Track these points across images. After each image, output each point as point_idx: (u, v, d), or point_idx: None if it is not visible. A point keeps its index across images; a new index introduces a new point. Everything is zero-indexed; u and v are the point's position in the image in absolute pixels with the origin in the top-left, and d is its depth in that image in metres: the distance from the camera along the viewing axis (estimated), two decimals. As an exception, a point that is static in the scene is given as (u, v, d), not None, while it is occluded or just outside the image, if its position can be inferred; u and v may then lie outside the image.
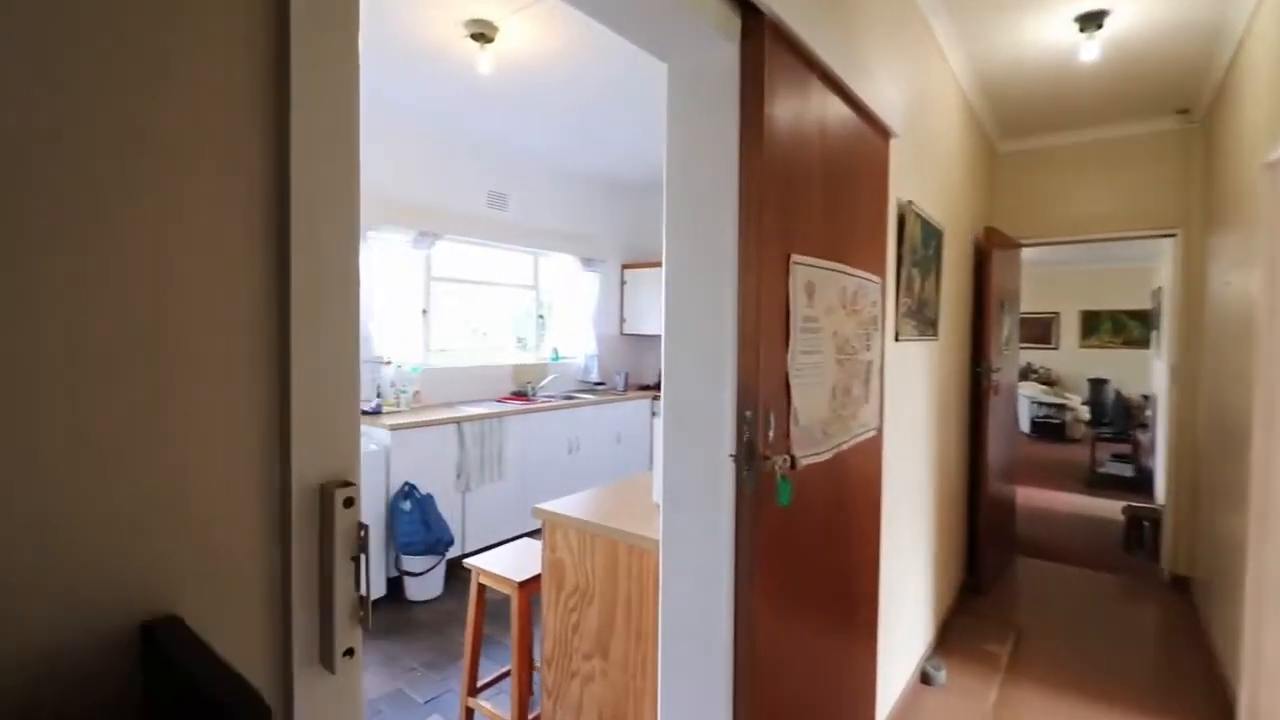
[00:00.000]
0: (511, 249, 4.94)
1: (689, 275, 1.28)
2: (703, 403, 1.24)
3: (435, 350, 4.47)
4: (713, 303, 1.23)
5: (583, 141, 4.37)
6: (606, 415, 4.88)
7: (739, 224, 1.20)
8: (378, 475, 3.32)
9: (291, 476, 0.53)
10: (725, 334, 1.21)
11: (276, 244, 0.56)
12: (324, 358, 0.58)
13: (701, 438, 1.24)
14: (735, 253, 1.20)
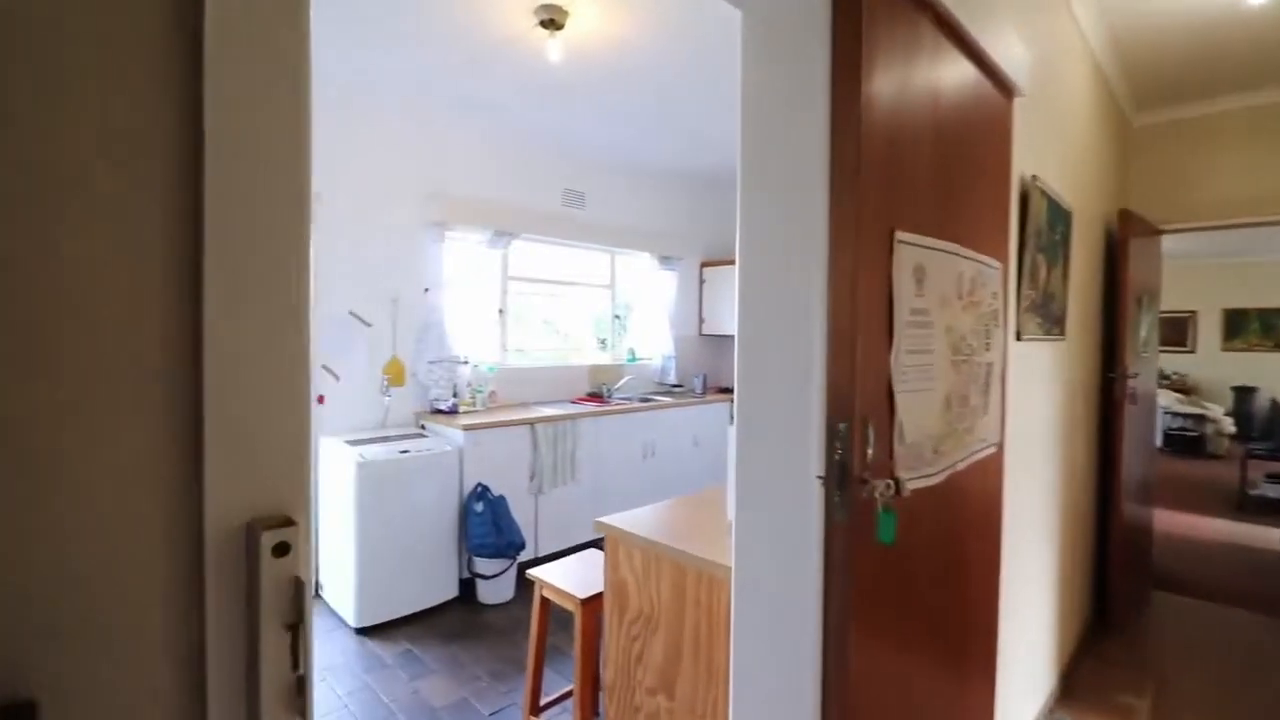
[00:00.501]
0: (588, 248, 4.85)
1: (767, 260, 1.08)
2: (783, 412, 1.04)
3: (511, 350, 4.45)
4: (797, 292, 1.02)
5: (658, 133, 4.21)
6: (683, 418, 4.70)
7: (829, 194, 0.98)
8: (451, 475, 3.29)
9: (204, 513, 0.39)
10: (812, 330, 0.99)
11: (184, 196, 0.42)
12: (253, 352, 0.43)
13: (781, 454, 1.04)
14: (825, 230, 0.99)
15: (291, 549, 0.41)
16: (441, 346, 3.77)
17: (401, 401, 3.69)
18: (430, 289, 3.77)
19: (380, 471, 2.98)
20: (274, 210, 0.46)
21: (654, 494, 4.46)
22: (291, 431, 0.45)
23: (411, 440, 3.30)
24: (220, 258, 0.43)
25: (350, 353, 3.47)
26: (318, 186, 3.27)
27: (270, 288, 0.46)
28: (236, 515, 0.41)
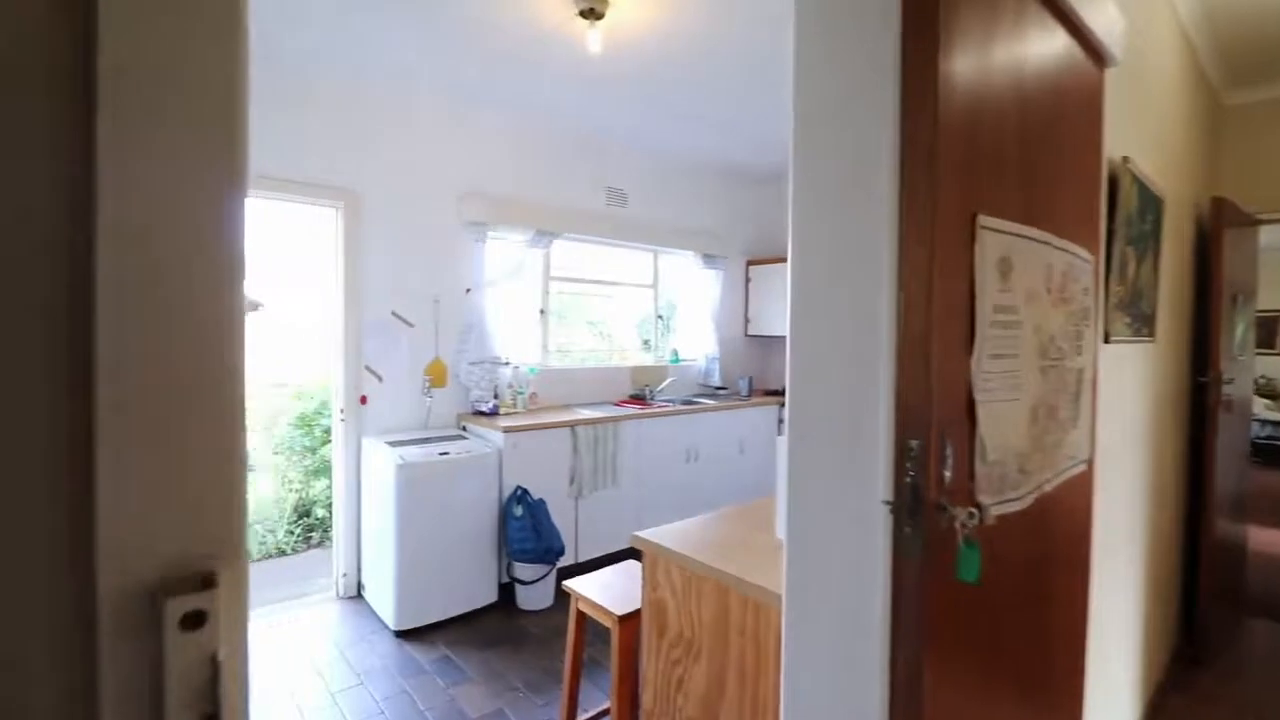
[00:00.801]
0: (630, 247, 4.76)
1: (825, 255, 0.95)
2: (843, 427, 0.91)
3: (553, 351, 4.39)
4: (860, 289, 0.89)
5: (702, 127, 4.08)
6: (728, 422, 4.55)
7: (900, 175, 0.85)
8: (491, 477, 3.24)
9: (96, 573, 0.29)
10: (879, 332, 0.86)
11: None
12: (166, 357, 0.34)
13: (840, 474, 0.91)
14: (894, 218, 0.85)
15: (209, 618, 0.32)
16: (483, 347, 3.74)
17: (443, 402, 3.67)
18: (472, 289, 3.75)
19: (420, 473, 2.95)
20: (190, 179, 0.36)
21: (696, 501, 4.33)
22: (219, 457, 0.35)
23: (452, 442, 3.27)
24: (116, 230, 0.33)
25: (393, 354, 3.47)
26: (356, 185, 3.28)
27: (184, 276, 0.36)
28: (142, 576, 0.31)
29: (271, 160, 3.04)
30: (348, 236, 3.30)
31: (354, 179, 3.30)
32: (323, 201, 3.24)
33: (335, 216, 3.31)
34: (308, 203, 3.22)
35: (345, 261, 3.30)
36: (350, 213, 3.30)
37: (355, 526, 3.36)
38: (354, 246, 3.32)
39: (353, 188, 3.30)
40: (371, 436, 3.33)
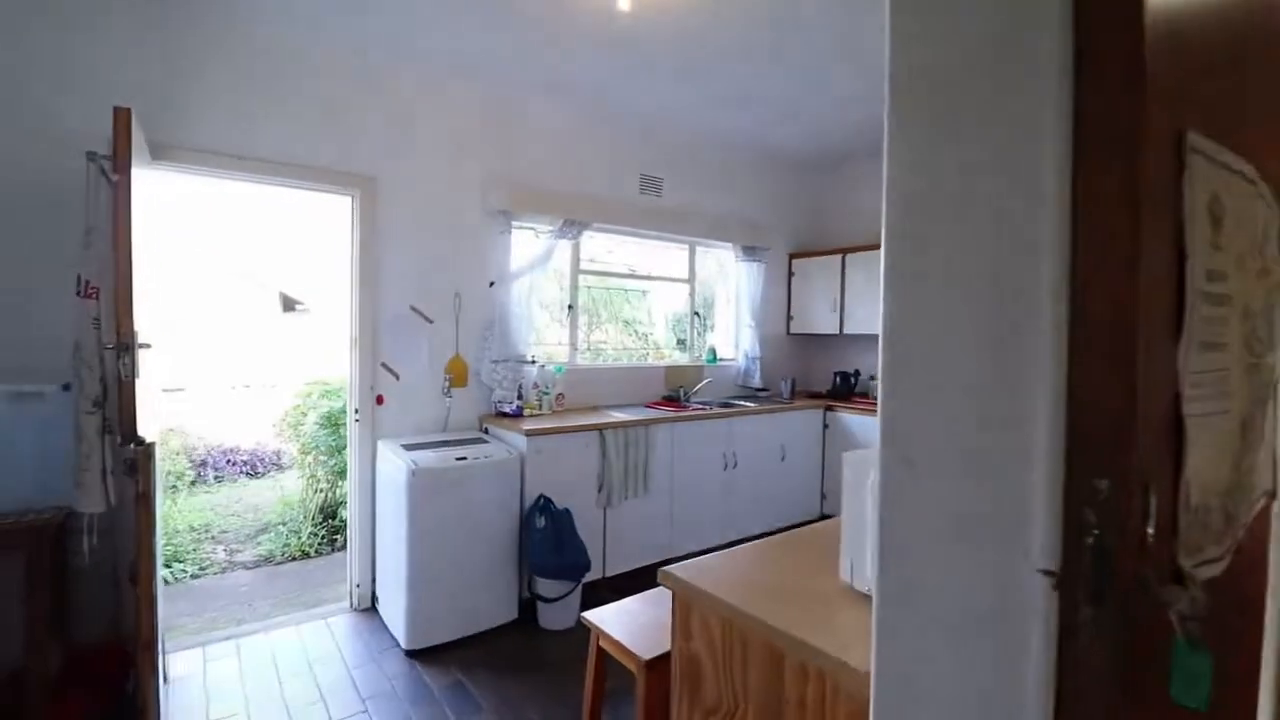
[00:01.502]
0: (665, 238, 4.47)
1: (944, 198, 0.65)
2: (970, 452, 0.60)
3: (582, 349, 4.14)
4: (1000, 246, 0.59)
5: (747, 110, 3.76)
6: (769, 426, 4.22)
7: (1073, 57, 0.54)
8: (512, 486, 3.00)
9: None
10: (1036, 310, 0.56)
11: None
12: None
13: (965, 524, 0.61)
14: (1063, 126, 0.54)
15: None
16: (506, 345, 3.50)
17: (464, 403, 3.45)
18: (495, 283, 3.52)
19: (433, 481, 2.72)
20: None
21: (734, 512, 4.02)
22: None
23: (470, 446, 3.03)
24: None
25: (411, 350, 3.26)
26: (372, 171, 3.08)
27: None
28: None
29: (280, 145, 2.86)
30: (363, 226, 3.10)
31: (370, 165, 3.10)
32: (337, 188, 3.05)
33: (351, 204, 3.12)
34: (321, 189, 3.04)
35: (361, 253, 3.11)
36: (366, 201, 3.10)
37: (370, 536, 3.16)
38: (370, 237, 3.12)
39: (369, 174, 3.10)
40: (388, 439, 3.12)
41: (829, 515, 4.58)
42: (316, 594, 3.76)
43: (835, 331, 4.78)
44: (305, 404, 5.52)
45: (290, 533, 4.84)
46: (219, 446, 6.96)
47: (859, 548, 1.14)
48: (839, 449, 4.50)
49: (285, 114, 2.87)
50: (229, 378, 8.95)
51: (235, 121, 2.75)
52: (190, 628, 3.45)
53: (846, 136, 4.32)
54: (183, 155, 2.65)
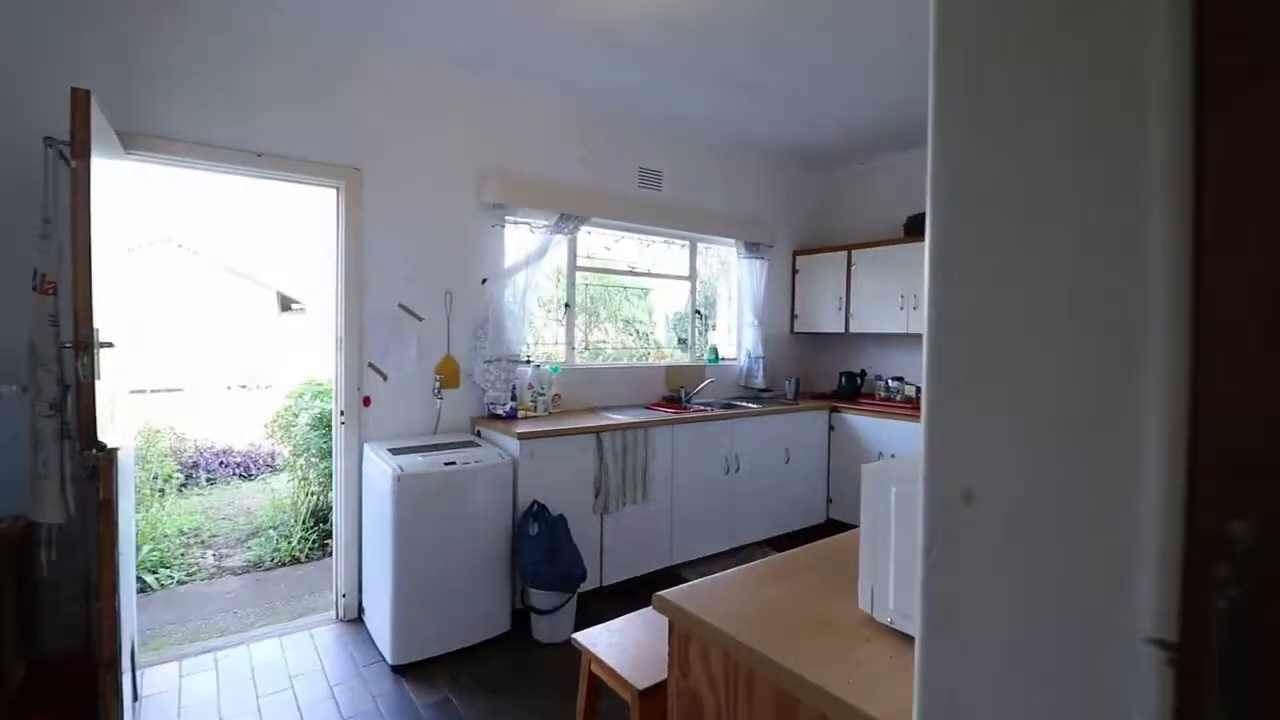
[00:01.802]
0: (665, 234, 4.33)
1: (1015, 159, 0.51)
2: (1059, 483, 0.46)
3: (579, 349, 4.00)
4: (1094, 218, 0.45)
5: (755, 102, 3.62)
6: (773, 428, 4.08)
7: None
8: (504, 491, 2.86)
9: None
10: (1149, 290, 0.42)
11: None
12: None
13: (1045, 572, 0.47)
14: (1183, 62, 0.41)
15: None
16: (500, 344, 3.37)
17: (455, 404, 3.32)
18: (488, 280, 3.38)
19: (420, 487, 2.58)
20: None
21: (737, 517, 3.88)
22: None
23: (461, 450, 2.89)
24: None
25: (400, 350, 3.13)
26: (358, 161, 2.94)
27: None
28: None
29: (261, 135, 2.73)
30: (349, 219, 2.97)
31: (356, 155, 2.97)
32: (321, 180, 2.92)
33: (336, 197, 2.99)
34: (304, 181, 2.90)
35: (346, 248, 2.97)
36: (351, 193, 2.96)
37: (356, 544, 3.03)
38: (356, 231, 2.99)
39: (354, 165, 2.97)
40: (375, 442, 2.99)
41: (834, 520, 4.44)
42: (304, 602, 3.63)
43: (841, 330, 4.64)
44: (297, 404, 5.39)
45: (281, 537, 4.71)
46: (212, 447, 6.85)
47: (880, 574, 1.00)
48: (845, 451, 4.36)
49: (266, 103, 2.73)
50: (225, 378, 8.83)
51: (212, 111, 2.62)
52: (174, 637, 3.33)
53: (853, 131, 4.18)
54: (156, 145, 2.52)
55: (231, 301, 9.68)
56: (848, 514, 4.36)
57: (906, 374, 4.52)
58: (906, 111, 3.81)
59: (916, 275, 4.17)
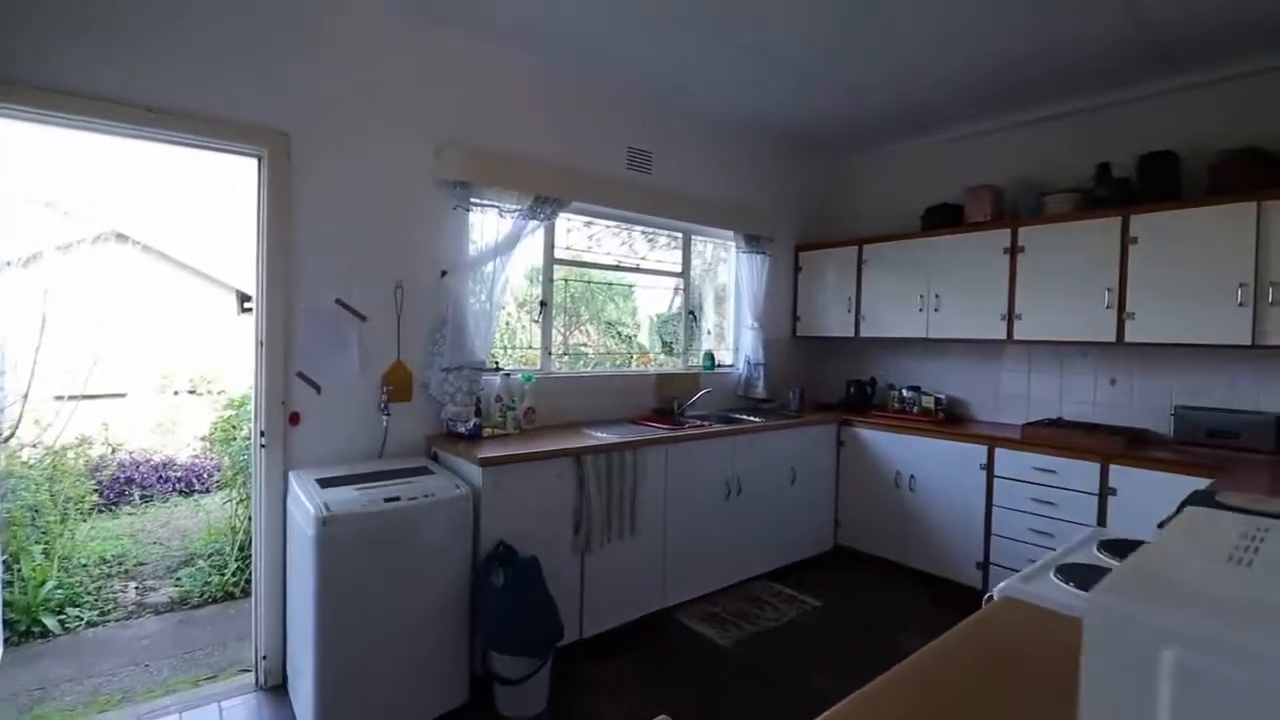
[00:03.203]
0: (656, 224, 3.83)
1: None
2: None
3: (556, 354, 3.47)
4: None
5: (760, 73, 3.13)
6: (778, 445, 3.59)
7: None
8: (461, 530, 2.32)
9: None
10: None
11: None
12: None
13: None
14: None
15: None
16: (462, 349, 2.83)
17: (406, 421, 2.77)
18: (449, 273, 2.84)
19: (353, 531, 2.04)
20: None
21: (739, 548, 3.38)
22: None
23: (409, 480, 2.35)
24: None
25: (338, 356, 2.58)
26: (287, 124, 2.39)
27: None
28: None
29: (161, 88, 2.16)
30: (273, 196, 2.41)
31: (284, 117, 2.42)
32: (238, 146, 2.36)
33: (257, 168, 2.43)
34: (216, 147, 2.34)
35: (269, 231, 2.42)
36: (277, 163, 2.41)
37: (280, 596, 2.46)
38: (282, 210, 2.43)
39: (280, 128, 2.41)
40: (304, 469, 2.44)
41: (843, 547, 3.97)
42: (231, 651, 3.06)
43: (850, 334, 4.17)
44: (240, 414, 4.78)
45: (214, 569, 4.11)
46: (149, 460, 6.18)
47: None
48: (856, 469, 3.88)
49: (163, 46, 2.17)
50: (169, 382, 8.12)
51: (86, 53, 2.05)
52: (64, 701, 2.75)
53: (864, 115, 3.72)
54: (20, 95, 1.95)
55: (176, 299, 8.96)
56: (859, 540, 3.89)
57: (923, 382, 4.06)
58: (922, 90, 3.34)
59: (938, 273, 3.71)
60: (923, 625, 3.05)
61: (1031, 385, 3.66)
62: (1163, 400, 3.17)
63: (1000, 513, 3.25)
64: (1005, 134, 3.74)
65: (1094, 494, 2.93)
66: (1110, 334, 3.06)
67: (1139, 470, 2.80)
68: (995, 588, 1.33)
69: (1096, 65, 3.02)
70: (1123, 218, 3.01)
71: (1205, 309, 2.77)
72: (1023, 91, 3.36)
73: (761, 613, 3.19)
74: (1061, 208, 3.28)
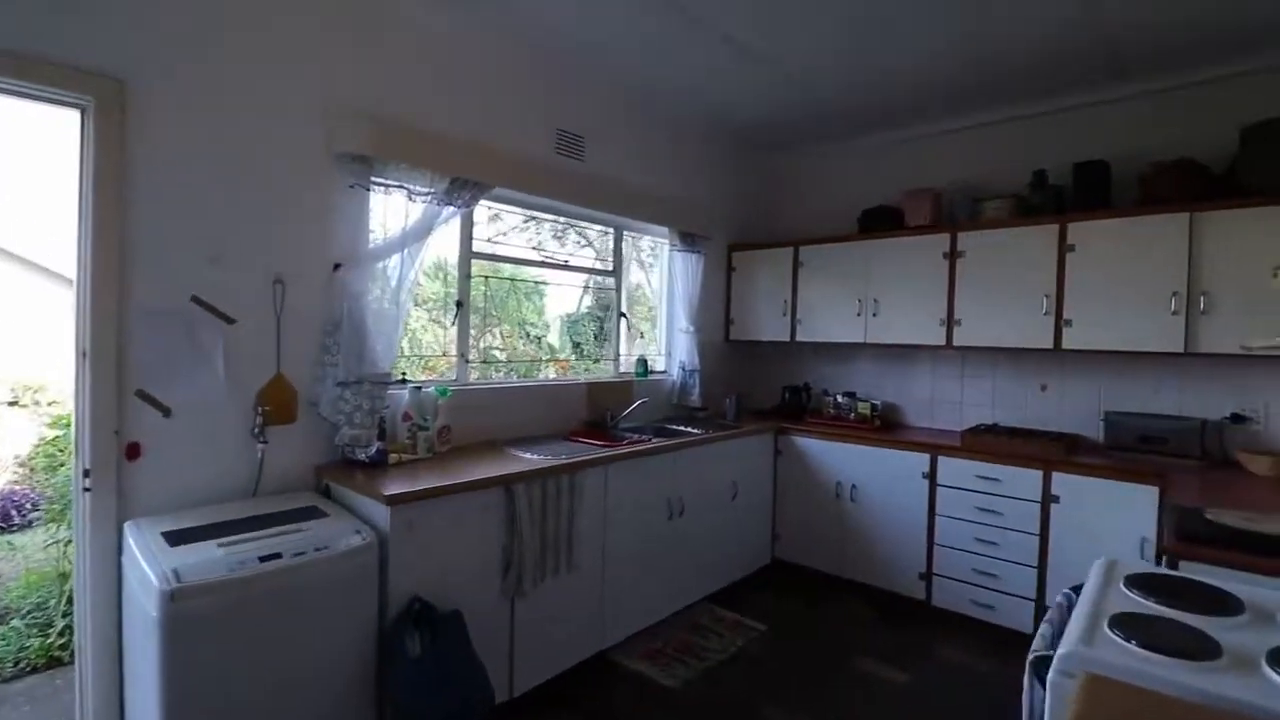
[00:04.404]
0: (587, 214, 3.46)
1: None
2: None
3: (475, 363, 3.03)
4: None
5: (708, 52, 2.85)
6: (720, 458, 3.34)
7: None
8: (364, 588, 1.86)
9: None
10: None
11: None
12: None
13: None
14: None
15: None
16: (361, 358, 2.33)
17: (289, 449, 2.24)
18: (344, 265, 2.34)
19: (212, 606, 1.53)
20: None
21: (680, 572, 3.12)
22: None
23: (294, 528, 1.85)
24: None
25: (195, 368, 2.02)
26: (123, 68, 1.82)
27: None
28: None
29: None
30: (101, 158, 1.83)
31: (117, 57, 1.83)
32: (50, 92, 1.76)
33: (81, 122, 1.84)
34: (19, 91, 1.73)
35: (96, 204, 1.83)
36: (107, 116, 1.83)
37: (116, 686, 1.88)
38: (113, 177, 1.85)
39: (113, 73, 1.83)
40: (147, 517, 1.87)
41: (781, 561, 3.79)
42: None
43: (786, 338, 4.01)
44: (69, 435, 3.90)
45: (34, 627, 3.30)
46: (-47, 488, 5.00)
47: None
48: (794, 480, 3.72)
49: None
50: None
51: None
52: None
53: (805, 110, 3.55)
54: None
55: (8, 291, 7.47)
56: (798, 554, 3.73)
57: (858, 388, 3.97)
58: (864, 87, 3.22)
59: (876, 277, 3.62)
60: (876, 646, 2.90)
61: (965, 391, 3.65)
62: (1091, 405, 3.22)
63: (944, 522, 3.18)
64: (944, 138, 3.71)
65: (1037, 501, 2.90)
66: (1048, 341, 3.05)
67: (1080, 477, 2.79)
68: (1058, 654, 1.10)
69: (1042, 73, 2.99)
70: (1060, 225, 3.01)
71: (1140, 317, 2.80)
72: (964, 97, 3.31)
73: (707, 643, 2.92)
74: (999, 214, 3.26)
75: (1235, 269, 2.59)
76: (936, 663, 2.78)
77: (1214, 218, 2.64)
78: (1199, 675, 0.97)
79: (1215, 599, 1.26)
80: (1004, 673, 2.69)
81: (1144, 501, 2.62)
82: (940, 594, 3.19)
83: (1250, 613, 1.21)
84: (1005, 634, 2.97)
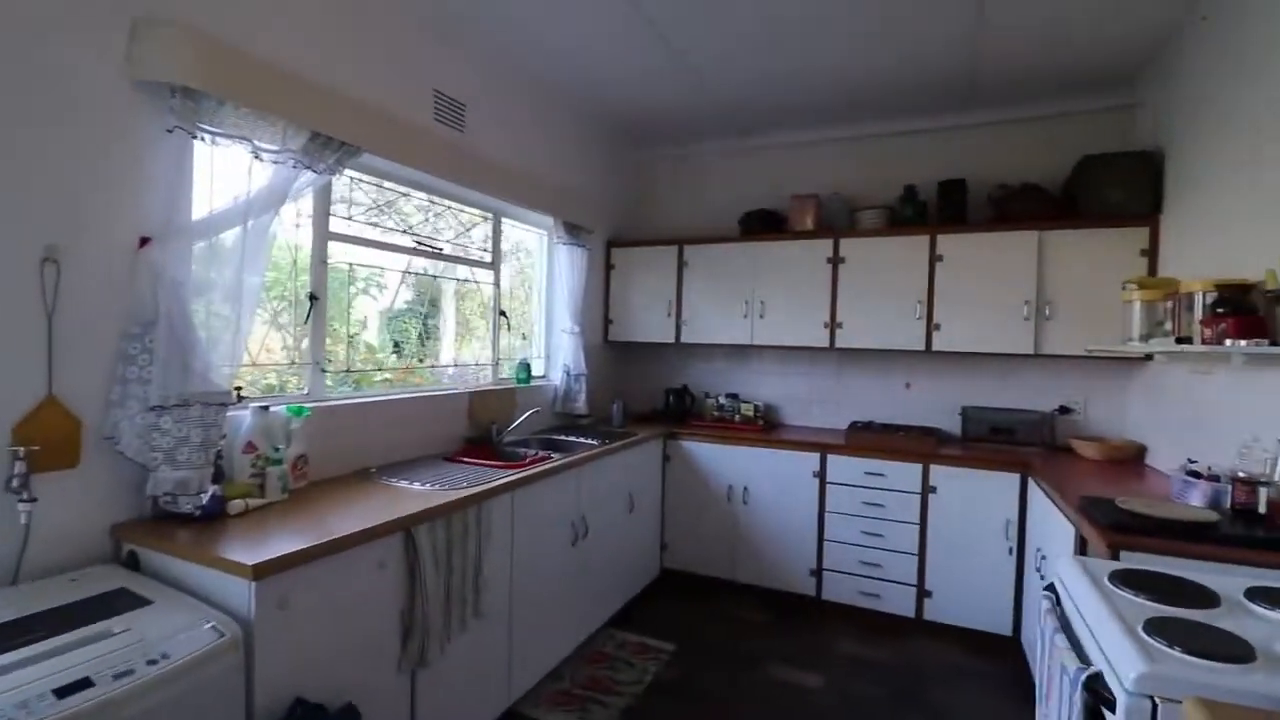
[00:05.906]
0: (466, 196, 2.98)
1: None
2: None
3: (335, 373, 2.43)
4: None
5: (614, 23, 2.56)
6: (618, 470, 3.09)
7: None
8: (230, 703, 1.29)
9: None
10: None
11: None
12: None
13: None
14: None
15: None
16: (186, 371, 1.68)
17: (70, 505, 1.53)
18: (156, 241, 1.66)
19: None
20: None
21: (582, 600, 2.83)
22: None
23: (99, 630, 1.22)
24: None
25: (-107, 393, 1.25)
26: None
27: None
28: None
29: None
30: None
31: None
32: None
33: None
34: None
35: None
36: None
37: None
38: None
39: None
40: None
41: (671, 570, 3.65)
42: None
43: (670, 340, 3.87)
44: None
45: None
46: None
47: None
48: (683, 486, 3.60)
49: None
50: None
51: None
52: None
53: (692, 105, 3.43)
54: None
55: None
56: (688, 562, 3.61)
57: (740, 390, 3.97)
58: (760, 86, 3.19)
59: (764, 279, 3.62)
60: (781, 650, 2.87)
61: (840, 390, 3.81)
62: (949, 401, 3.53)
63: (833, 518, 3.27)
64: (824, 146, 3.81)
65: (917, 493, 3.09)
66: (921, 343, 3.27)
67: (954, 468, 3.02)
68: (1134, 676, 1.02)
69: (915, 92, 3.18)
70: (931, 236, 3.24)
71: (998, 321, 3.10)
72: (847, 109, 3.43)
73: (617, 676, 2.66)
74: (874, 223, 3.43)
75: (1073, 281, 2.97)
76: (838, 659, 2.82)
77: (1054, 237, 3.00)
78: (1250, 678, 0.97)
79: (1200, 594, 1.31)
80: (899, 661, 2.82)
81: (1008, 488, 2.89)
82: (830, 588, 3.27)
83: (1226, 604, 1.27)
84: (891, 620, 3.13)
